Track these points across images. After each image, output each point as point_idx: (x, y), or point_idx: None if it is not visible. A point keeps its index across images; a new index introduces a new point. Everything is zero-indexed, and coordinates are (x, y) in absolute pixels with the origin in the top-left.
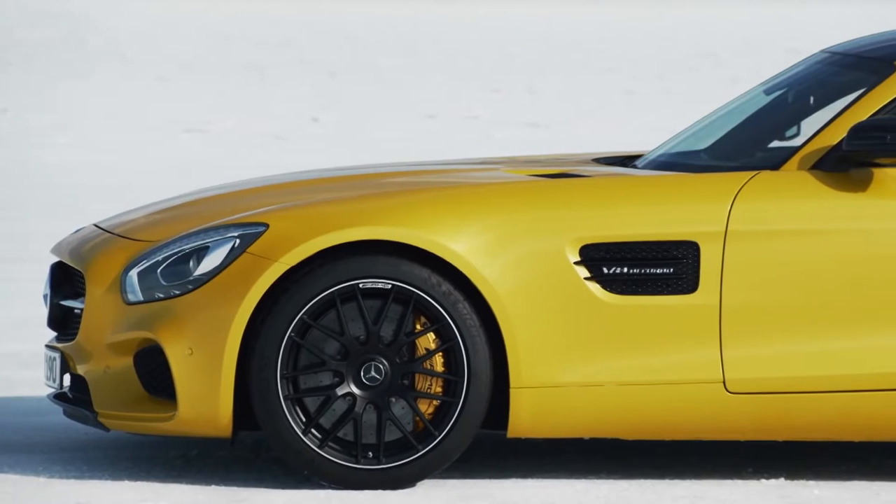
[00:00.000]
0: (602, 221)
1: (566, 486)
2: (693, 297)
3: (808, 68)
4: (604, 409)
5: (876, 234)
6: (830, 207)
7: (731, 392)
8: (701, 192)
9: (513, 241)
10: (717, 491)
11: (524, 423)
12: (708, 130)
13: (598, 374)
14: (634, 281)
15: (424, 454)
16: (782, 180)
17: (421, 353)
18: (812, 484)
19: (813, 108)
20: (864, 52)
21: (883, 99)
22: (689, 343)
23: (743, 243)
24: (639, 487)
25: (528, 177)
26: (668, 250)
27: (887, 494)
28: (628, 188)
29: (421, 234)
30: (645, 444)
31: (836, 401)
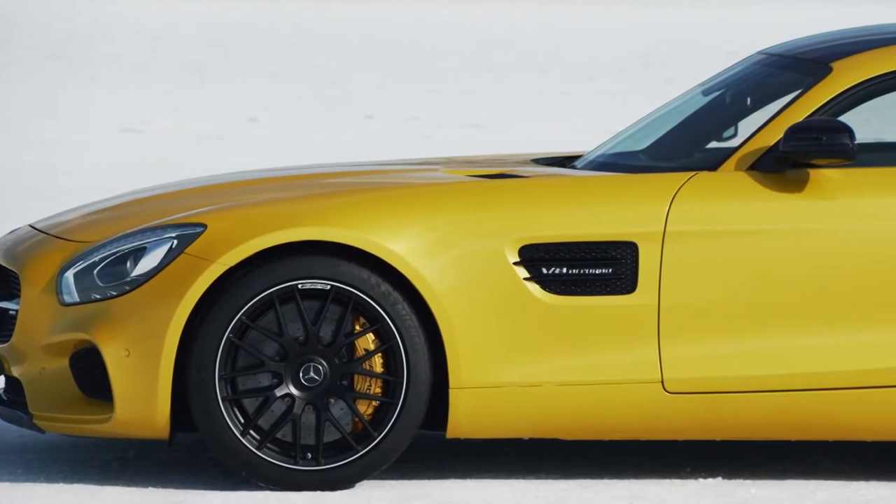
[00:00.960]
0: (541, 222)
1: (505, 487)
2: (631, 298)
3: (746, 69)
4: (543, 409)
5: (812, 234)
6: (767, 208)
7: (670, 392)
8: (639, 193)
9: (452, 242)
10: (655, 490)
11: (463, 423)
12: (646, 131)
13: (536, 374)
14: (573, 281)
15: (363, 455)
16: (720, 181)
17: (360, 353)
18: (749, 483)
19: (750, 109)
20: (801, 53)
21: (819, 100)
22: (627, 343)
23: (681, 244)
24: (578, 487)
25: (467, 177)
26: (606, 251)
27: (823, 493)
28: (567, 189)
29: (360, 234)
30: (584, 443)
31: (772, 400)
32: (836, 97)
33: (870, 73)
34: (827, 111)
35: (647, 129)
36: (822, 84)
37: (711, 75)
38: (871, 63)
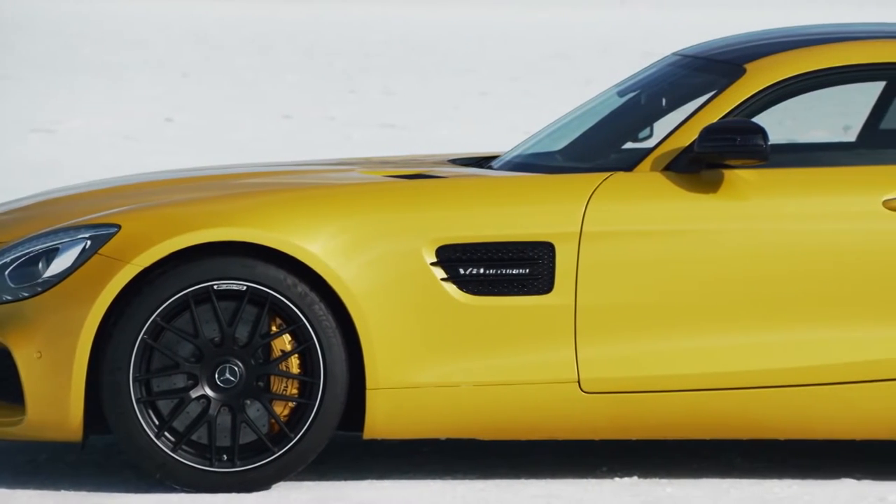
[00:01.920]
0: (458, 222)
1: (422, 487)
2: (548, 298)
3: (661, 70)
4: (460, 409)
5: (727, 234)
6: (683, 208)
7: (586, 392)
8: (556, 193)
9: (369, 242)
10: (571, 490)
11: (380, 424)
12: (563, 132)
13: (454, 374)
14: (490, 281)
15: (280, 456)
16: (636, 181)
17: (276, 354)
18: (664, 482)
19: (665, 110)
20: (715, 55)
21: (733, 101)
22: (544, 343)
23: (597, 244)
24: (495, 487)
25: (385, 178)
26: (523, 251)
27: (737, 491)
28: (484, 189)
29: (276, 235)
30: (501, 443)
31: (688, 399)
32: (750, 98)
33: (783, 75)
34: (741, 112)
35: (564, 129)
36: (736, 85)
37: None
38: (784, 64)
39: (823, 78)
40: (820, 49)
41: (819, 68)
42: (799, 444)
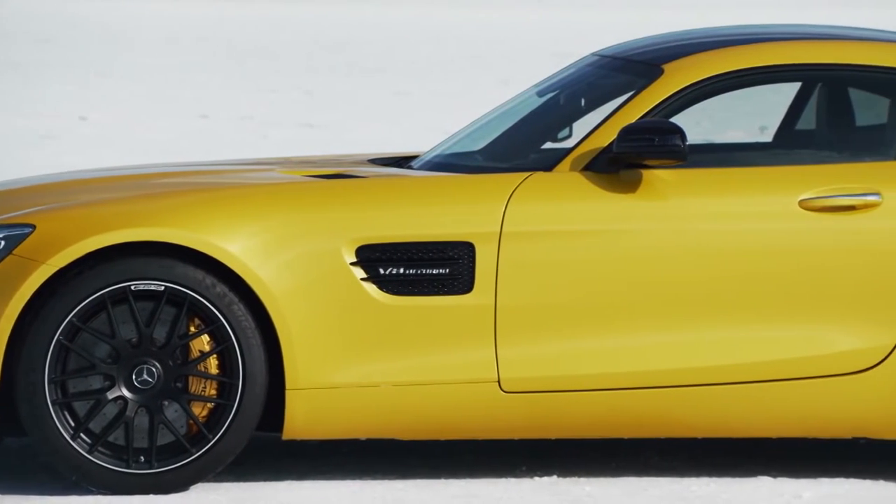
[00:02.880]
0: (378, 222)
1: (342, 487)
2: (468, 298)
3: (579, 71)
4: (380, 409)
5: (645, 234)
6: (602, 208)
7: (506, 391)
8: (476, 193)
9: (289, 242)
10: (491, 489)
11: (300, 424)
12: (482, 132)
13: (374, 374)
14: (410, 281)
15: (198, 457)
16: (555, 181)
17: (195, 355)
18: (583, 481)
19: (584, 111)
20: (633, 55)
21: (651, 101)
22: (464, 343)
23: (517, 244)
24: (414, 487)
25: (304, 177)
26: (443, 251)
27: (655, 489)
28: (404, 189)
29: (194, 235)
30: (420, 443)
31: (607, 398)
32: (668, 98)
33: (700, 75)
34: (659, 112)
35: (483, 129)
36: (654, 86)
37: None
38: (701, 65)
39: (740, 78)
40: (737, 50)
41: (736, 69)
42: (716, 442)
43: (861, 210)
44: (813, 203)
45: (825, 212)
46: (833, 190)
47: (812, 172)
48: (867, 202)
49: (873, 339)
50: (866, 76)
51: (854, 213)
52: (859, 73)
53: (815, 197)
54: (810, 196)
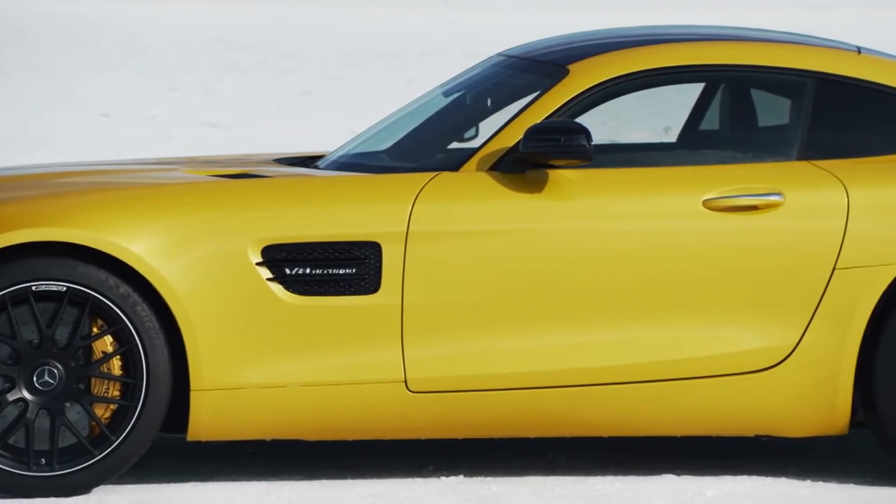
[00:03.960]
0: (284, 222)
1: (247, 488)
2: (375, 298)
3: (486, 71)
4: (286, 410)
5: (551, 234)
6: (508, 208)
7: (413, 391)
8: (382, 193)
9: (193, 242)
10: (397, 489)
11: (205, 425)
12: (388, 132)
13: (280, 375)
14: (317, 281)
15: (101, 459)
16: (461, 181)
17: (98, 356)
18: (490, 480)
19: (491, 110)
20: (539, 55)
21: (557, 101)
22: (371, 343)
23: (424, 244)
24: (321, 487)
25: (209, 177)
26: (350, 251)
27: (561, 488)
28: (310, 189)
29: (97, 235)
30: (327, 444)
31: (513, 398)
32: (574, 99)
33: (605, 76)
34: (565, 113)
35: (389, 129)
36: (559, 86)
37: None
38: (606, 65)
39: (645, 79)
40: (642, 51)
41: (641, 69)
42: (621, 441)
43: (763, 210)
44: (716, 203)
45: (728, 212)
46: (736, 190)
47: (715, 173)
48: (769, 202)
49: (776, 338)
50: (768, 77)
51: (757, 212)
52: (761, 74)
53: (719, 197)
54: (714, 196)
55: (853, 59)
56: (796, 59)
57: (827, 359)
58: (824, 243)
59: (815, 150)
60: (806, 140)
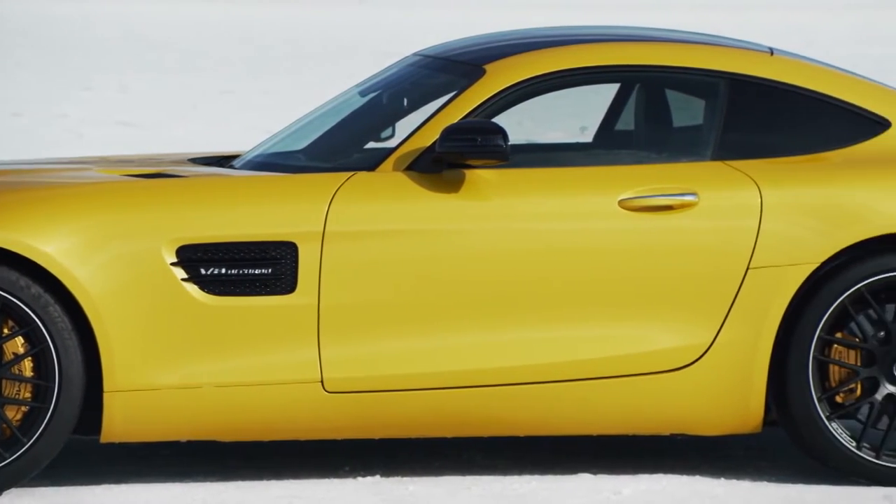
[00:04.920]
0: (199, 222)
1: (162, 490)
2: (291, 298)
3: (402, 71)
4: (201, 411)
5: (468, 234)
6: (425, 208)
7: (329, 391)
8: (298, 193)
9: (107, 243)
10: (314, 489)
11: (118, 427)
12: (304, 131)
13: (195, 376)
14: (232, 282)
15: (11, 462)
16: (378, 181)
17: (9, 357)
18: (407, 480)
19: (407, 110)
20: (455, 55)
21: (474, 101)
22: (287, 343)
23: (340, 244)
24: (236, 489)
25: (122, 177)
26: (266, 251)
27: (478, 488)
28: (225, 188)
29: (8, 235)
30: (243, 445)
31: (430, 398)
32: (490, 99)
33: (522, 76)
34: (481, 113)
35: (306, 129)
36: (476, 86)
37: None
38: (523, 66)
39: (561, 79)
40: (558, 51)
41: (557, 70)
42: (538, 440)
43: (678, 210)
44: (632, 203)
45: (644, 211)
46: (651, 190)
47: (631, 173)
48: (684, 202)
49: (691, 337)
50: (683, 78)
51: (672, 212)
52: (676, 74)
53: (634, 197)
54: (629, 196)
55: (766, 60)
56: (710, 60)
57: (741, 358)
58: (738, 243)
59: (729, 150)
60: (720, 140)
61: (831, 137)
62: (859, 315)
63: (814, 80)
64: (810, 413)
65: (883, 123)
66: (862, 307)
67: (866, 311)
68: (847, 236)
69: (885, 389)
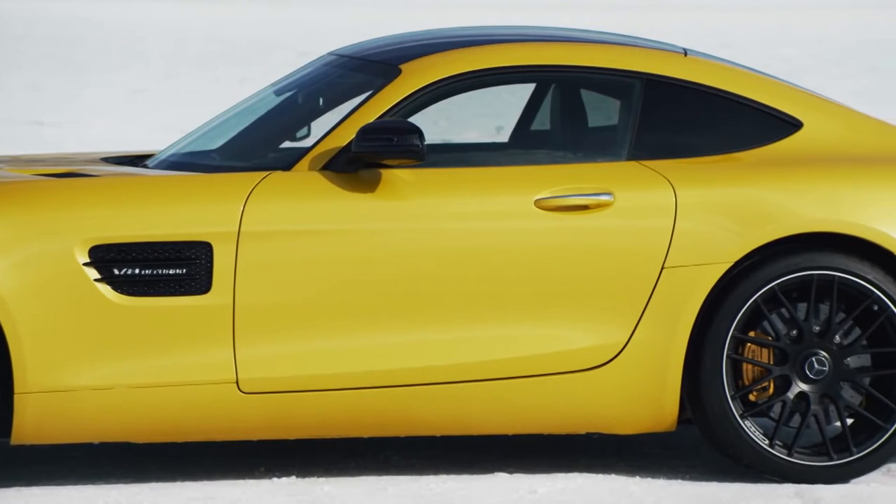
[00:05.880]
0: (112, 222)
1: (74, 493)
2: (206, 298)
3: (318, 70)
4: (115, 412)
5: (384, 233)
6: (340, 208)
7: (245, 392)
8: (213, 193)
9: (18, 243)
10: (229, 491)
11: (29, 428)
12: (219, 131)
13: (109, 377)
14: (146, 282)
15: None
16: (294, 181)
17: None
18: (323, 480)
19: (323, 110)
20: (371, 55)
21: (390, 101)
22: (202, 344)
23: (255, 244)
24: (150, 491)
25: (34, 176)
26: (180, 251)
27: (395, 488)
28: (139, 188)
29: None
30: (157, 446)
31: (346, 398)
32: (406, 98)
33: (437, 76)
34: (397, 112)
35: (220, 128)
36: (391, 85)
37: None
38: (438, 65)
39: (477, 79)
40: (473, 51)
41: (473, 69)
42: (455, 440)
43: (594, 209)
44: (548, 203)
45: (560, 211)
46: (567, 190)
47: (547, 172)
48: (600, 202)
49: (607, 336)
50: (598, 78)
51: (587, 212)
52: (591, 74)
53: (550, 196)
54: (545, 196)
55: (680, 61)
56: (625, 61)
57: (656, 357)
58: (653, 242)
59: (644, 150)
60: (635, 140)
61: (744, 138)
62: (772, 314)
63: (727, 81)
64: (724, 411)
65: (795, 124)
66: (775, 306)
67: (779, 309)
68: (760, 236)
69: (797, 387)
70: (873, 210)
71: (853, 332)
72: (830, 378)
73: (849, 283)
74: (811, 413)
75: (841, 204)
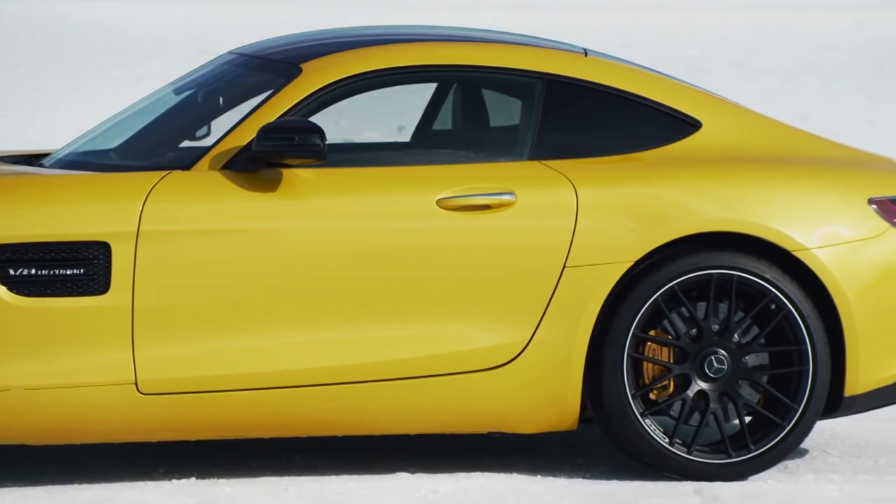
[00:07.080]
0: (7, 222)
1: None
2: (104, 299)
3: (217, 69)
4: (10, 414)
5: (285, 233)
6: (241, 207)
7: (144, 393)
8: (111, 192)
9: None
10: (128, 493)
11: None
12: (117, 129)
13: (5, 378)
14: (43, 282)
15: None
16: (193, 180)
17: None
18: (223, 482)
19: (223, 109)
20: (271, 54)
21: (290, 100)
22: (100, 345)
23: (155, 244)
24: (46, 493)
25: None
26: (77, 251)
27: (295, 488)
28: (35, 187)
29: None
30: (54, 448)
31: (247, 398)
32: (307, 98)
33: (338, 75)
34: (298, 112)
35: (118, 127)
36: (292, 85)
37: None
38: (339, 65)
39: (378, 78)
40: (374, 50)
41: (374, 69)
42: (356, 440)
43: (496, 209)
44: (450, 202)
45: (462, 210)
46: (469, 189)
47: (449, 172)
48: (502, 201)
49: (509, 335)
50: (499, 78)
51: (489, 211)
52: (492, 74)
53: (452, 196)
54: (447, 195)
55: (580, 61)
56: (526, 61)
57: (557, 356)
58: (555, 242)
59: (546, 150)
60: (536, 140)
61: (644, 138)
62: (672, 313)
63: (627, 82)
64: (624, 410)
65: (694, 124)
66: (675, 305)
67: (679, 308)
68: (659, 235)
69: (697, 386)
70: (771, 209)
71: (752, 331)
72: (729, 376)
73: (747, 282)
74: (710, 411)
75: (739, 204)
